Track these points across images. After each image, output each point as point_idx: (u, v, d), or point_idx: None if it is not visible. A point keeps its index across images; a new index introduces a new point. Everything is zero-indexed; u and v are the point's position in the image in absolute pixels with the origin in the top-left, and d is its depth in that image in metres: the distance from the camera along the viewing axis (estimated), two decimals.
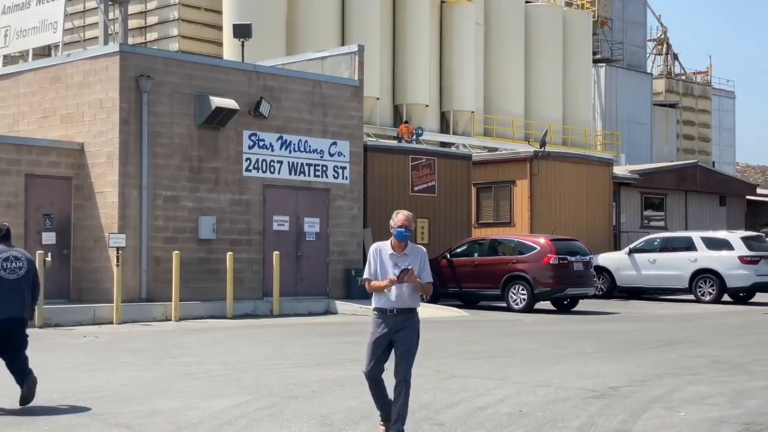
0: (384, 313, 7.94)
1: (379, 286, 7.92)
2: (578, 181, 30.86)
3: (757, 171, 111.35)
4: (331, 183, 23.53)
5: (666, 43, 71.38)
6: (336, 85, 23.88)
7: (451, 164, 27.72)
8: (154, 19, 41.21)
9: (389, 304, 7.91)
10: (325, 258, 23.35)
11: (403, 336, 7.91)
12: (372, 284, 7.98)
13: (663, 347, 15.26)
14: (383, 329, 7.93)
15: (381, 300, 7.96)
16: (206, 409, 9.55)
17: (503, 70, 47.19)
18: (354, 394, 10.38)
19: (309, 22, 39.29)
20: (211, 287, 21.14)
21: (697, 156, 60.33)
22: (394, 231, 7.95)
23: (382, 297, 7.94)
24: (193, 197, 21.26)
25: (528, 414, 9.32)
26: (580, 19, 52.41)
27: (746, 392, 10.60)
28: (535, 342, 16.13)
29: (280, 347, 15.17)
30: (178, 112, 21.06)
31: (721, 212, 37.41)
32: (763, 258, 26.52)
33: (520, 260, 23.28)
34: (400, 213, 7.97)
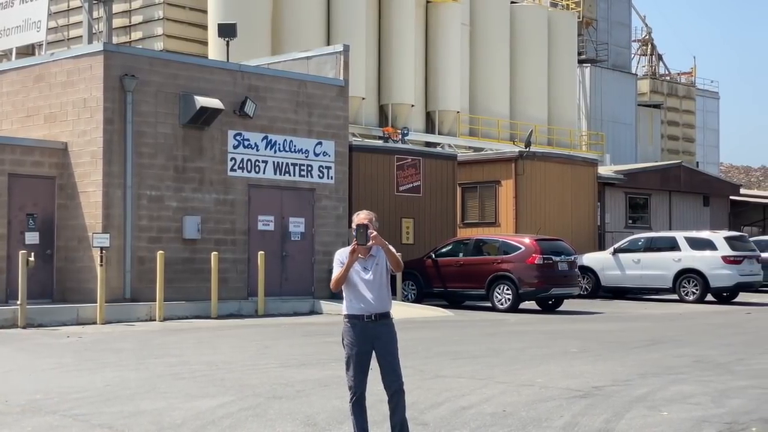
0: (360, 319, 7.40)
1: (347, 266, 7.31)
2: (563, 181, 30.94)
3: (740, 171, 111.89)
4: (316, 183, 23.52)
5: (650, 43, 71.66)
6: (321, 84, 23.87)
7: (437, 164, 27.75)
8: (139, 18, 41.07)
9: (368, 309, 7.40)
10: (310, 258, 23.34)
11: (386, 342, 7.44)
12: (336, 276, 7.37)
13: (647, 347, 15.31)
14: (363, 339, 7.39)
15: (356, 305, 7.42)
16: (190, 409, 9.52)
17: (488, 70, 47.25)
18: (338, 394, 10.37)
19: (294, 21, 39.24)
20: (196, 287, 21.09)
21: (682, 156, 60.57)
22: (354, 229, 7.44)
23: (356, 302, 7.42)
24: (177, 197, 21.20)
25: (512, 414, 9.33)
26: (565, 19, 52.52)
27: (729, 392, 10.65)
28: (519, 342, 16.17)
29: (265, 347, 15.15)
30: (162, 112, 21.00)
31: (705, 212, 37.57)
32: (746, 258, 26.66)
33: (505, 260, 23.32)
34: (362, 212, 7.46)
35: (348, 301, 7.48)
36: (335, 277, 7.42)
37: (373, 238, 7.28)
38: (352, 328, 7.44)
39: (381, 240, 7.34)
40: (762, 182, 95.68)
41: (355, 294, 7.44)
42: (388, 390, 7.46)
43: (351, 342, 7.43)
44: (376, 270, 7.44)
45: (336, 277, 7.41)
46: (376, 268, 7.44)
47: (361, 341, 7.41)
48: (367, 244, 7.31)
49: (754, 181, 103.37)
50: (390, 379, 7.44)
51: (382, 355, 7.45)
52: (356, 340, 7.42)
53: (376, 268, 7.44)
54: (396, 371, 7.44)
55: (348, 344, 7.45)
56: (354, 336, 7.43)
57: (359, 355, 7.42)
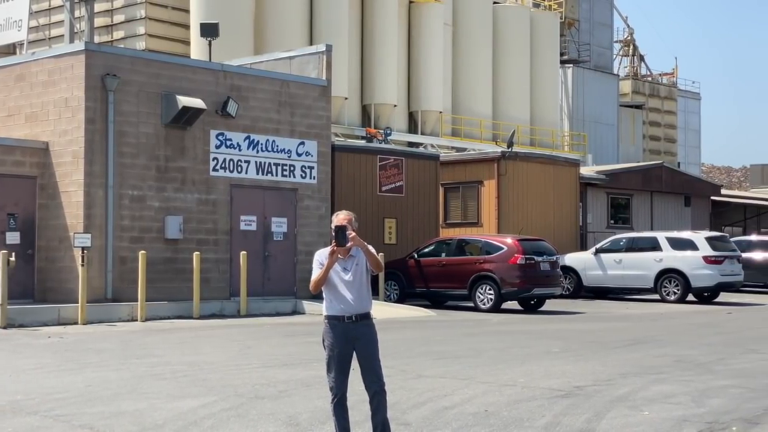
0: (341, 321, 7.37)
1: (326, 268, 7.27)
2: (545, 182, 31.02)
3: (721, 172, 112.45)
4: (298, 183, 23.50)
5: (632, 44, 71.92)
6: (304, 84, 23.85)
7: (419, 164, 27.77)
8: (121, 18, 40.90)
9: (347, 310, 7.36)
10: (292, 258, 23.31)
11: (366, 343, 7.40)
12: (316, 277, 7.33)
13: (628, 347, 15.38)
14: (344, 340, 7.36)
15: (336, 306, 7.38)
16: (172, 409, 9.50)
17: (471, 70, 47.31)
18: (320, 394, 10.36)
19: (277, 21, 39.17)
20: (178, 287, 21.03)
21: (663, 157, 60.81)
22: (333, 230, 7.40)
23: (337, 303, 7.37)
24: (159, 197, 21.14)
25: (494, 413, 9.35)
26: (548, 20, 52.65)
27: (709, 391, 10.71)
28: (501, 342, 16.20)
29: (247, 347, 15.13)
30: (144, 111, 20.94)
31: (686, 212, 37.74)
32: (727, 258, 26.81)
33: (487, 260, 23.37)
34: (342, 213, 7.41)
35: (328, 302, 7.44)
36: (315, 279, 7.38)
37: (352, 239, 7.24)
38: (333, 329, 7.41)
39: (360, 241, 7.30)
40: (743, 183, 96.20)
41: (335, 295, 7.40)
42: (369, 390, 7.45)
43: (332, 343, 7.40)
44: (356, 271, 7.41)
45: (315, 279, 7.38)
46: (356, 268, 7.41)
47: (341, 342, 7.38)
48: (345, 245, 7.27)
49: (735, 182, 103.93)
50: (371, 380, 7.42)
51: (363, 356, 7.43)
52: (337, 341, 7.39)
53: (356, 268, 7.41)
54: (377, 372, 7.43)
55: (329, 345, 7.42)
56: (334, 337, 7.39)
57: (340, 356, 7.39)
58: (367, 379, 7.44)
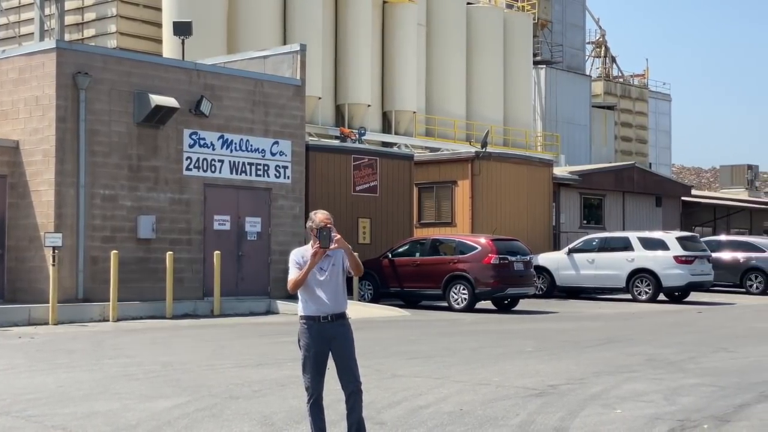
0: (317, 321, 7.30)
1: (308, 269, 7.17)
2: (519, 182, 31.13)
3: (692, 172, 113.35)
4: (272, 182, 23.45)
5: (604, 45, 72.28)
6: (278, 84, 23.80)
7: (393, 164, 27.79)
8: (92, 16, 40.64)
9: (324, 310, 7.30)
10: (266, 258, 23.26)
11: (342, 343, 7.35)
12: (295, 278, 7.24)
13: (601, 346, 15.46)
14: (319, 340, 7.30)
15: (312, 306, 7.31)
16: (145, 410, 9.45)
17: (445, 70, 47.39)
18: (295, 394, 10.35)
19: (250, 20, 39.06)
20: (150, 287, 20.93)
21: (635, 157, 61.18)
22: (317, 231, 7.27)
23: (312, 304, 7.31)
24: (132, 196, 21.03)
25: (468, 412, 9.37)
26: (521, 21, 52.84)
27: (681, 389, 10.79)
28: (475, 341, 16.24)
29: (221, 347, 15.08)
30: (116, 110, 20.82)
31: (657, 213, 38.01)
32: (697, 258, 27.02)
33: (461, 260, 23.42)
34: (320, 213, 7.28)
35: (304, 302, 7.38)
36: (294, 279, 7.29)
37: (337, 241, 7.16)
38: (309, 329, 7.35)
39: (344, 243, 7.24)
40: (712, 183, 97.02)
41: (311, 295, 7.34)
42: (346, 390, 7.42)
43: (308, 343, 7.35)
44: (332, 271, 7.36)
45: (295, 279, 7.29)
46: (333, 269, 7.36)
47: (317, 342, 7.34)
48: (330, 247, 7.15)
49: (705, 182, 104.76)
50: (347, 380, 7.39)
51: (339, 356, 7.39)
52: (313, 341, 7.34)
53: (333, 269, 7.36)
54: (353, 372, 7.40)
55: (305, 345, 7.37)
56: (311, 337, 7.34)
57: (316, 356, 7.35)
58: (344, 379, 7.41)
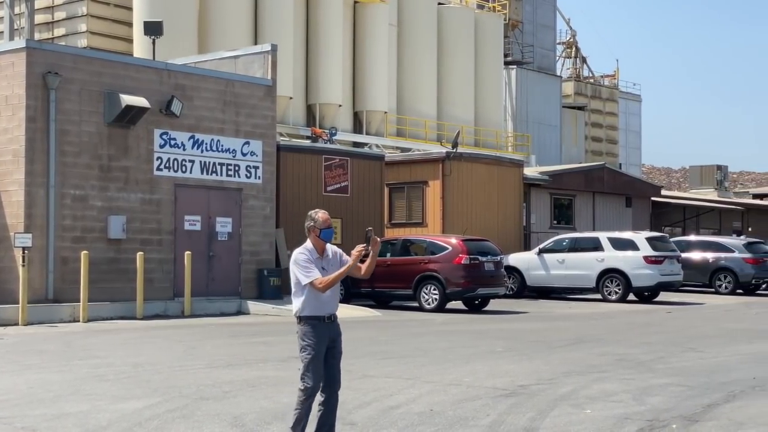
0: (322, 321, 7.42)
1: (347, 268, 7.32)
2: (489, 182, 31.25)
3: (661, 173, 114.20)
4: (243, 183, 23.40)
5: (575, 46, 72.67)
6: (249, 84, 23.75)
7: (364, 164, 27.81)
8: (62, 15, 40.35)
9: (327, 310, 7.44)
10: (237, 258, 23.21)
11: (339, 344, 7.51)
12: (327, 279, 7.33)
13: (571, 346, 15.56)
14: (324, 340, 7.40)
15: (317, 306, 7.41)
16: (115, 411, 9.42)
17: (416, 70, 47.46)
18: (266, 394, 10.37)
19: (221, 20, 38.94)
20: (121, 288, 20.83)
21: (605, 158, 61.54)
22: (321, 231, 7.48)
23: (318, 303, 7.40)
24: (102, 196, 20.92)
25: (439, 413, 9.42)
26: (492, 21, 53.01)
27: (650, 389, 10.89)
28: (446, 341, 16.30)
29: (192, 348, 15.04)
30: (86, 110, 20.70)
31: (627, 213, 38.26)
32: (667, 258, 27.24)
33: (432, 260, 23.48)
34: (320, 212, 7.51)
35: (307, 302, 7.41)
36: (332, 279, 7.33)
37: (375, 243, 7.35)
38: (315, 329, 7.41)
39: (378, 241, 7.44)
40: (682, 184, 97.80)
41: (317, 294, 7.41)
42: (330, 390, 7.48)
43: (314, 343, 7.38)
44: (332, 272, 7.46)
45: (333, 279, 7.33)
46: (332, 269, 7.47)
47: (323, 342, 7.41)
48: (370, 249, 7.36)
49: (674, 183, 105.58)
50: (335, 380, 7.49)
51: (334, 354, 7.49)
52: (321, 340, 7.40)
53: (332, 269, 7.47)
54: (339, 371, 7.55)
55: (311, 345, 7.38)
56: (318, 336, 7.40)
57: (320, 356, 7.40)
58: (332, 379, 7.48)
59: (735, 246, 32.01)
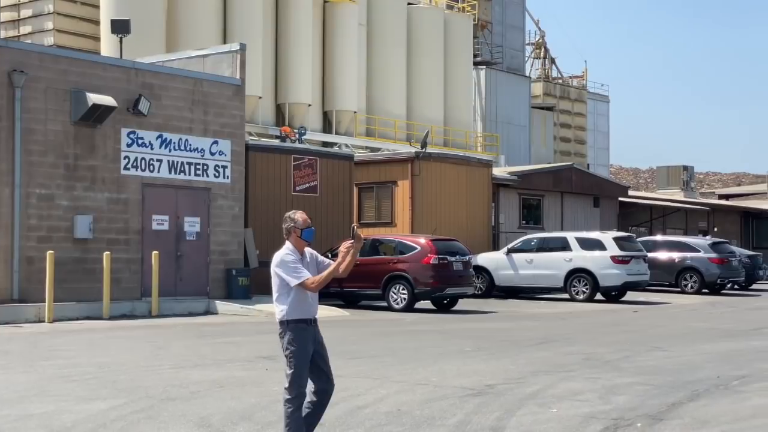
0: (309, 323, 7.29)
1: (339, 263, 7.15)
2: (458, 182, 31.32)
3: (629, 173, 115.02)
4: (212, 182, 23.31)
5: (544, 47, 73.02)
6: (217, 83, 23.66)
7: (333, 164, 27.79)
8: (28, 12, 40.00)
9: (312, 312, 7.33)
10: (205, 258, 23.11)
11: (322, 345, 7.40)
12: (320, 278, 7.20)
13: (538, 345, 15.64)
14: (310, 343, 7.28)
15: (305, 309, 7.28)
16: (81, 412, 9.36)
17: (385, 70, 47.48)
18: (234, 395, 10.33)
19: (190, 19, 38.75)
20: (87, 288, 20.68)
21: (573, 158, 61.87)
22: (302, 231, 7.31)
23: (305, 306, 7.27)
24: (68, 196, 20.76)
25: (406, 413, 9.43)
26: (461, 21, 53.14)
27: (616, 388, 10.97)
28: (414, 341, 16.32)
29: (158, 348, 14.96)
30: (52, 109, 20.53)
31: (595, 213, 38.49)
32: (633, 258, 27.44)
33: (400, 260, 23.51)
34: (299, 212, 7.36)
35: (294, 305, 7.26)
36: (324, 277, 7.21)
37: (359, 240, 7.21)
38: (303, 332, 7.27)
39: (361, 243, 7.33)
40: (650, 184, 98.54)
41: (303, 297, 7.29)
42: (325, 386, 7.38)
43: (303, 346, 7.25)
44: (313, 274, 7.34)
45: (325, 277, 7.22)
46: (312, 271, 7.34)
47: (309, 345, 7.29)
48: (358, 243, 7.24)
49: (642, 183, 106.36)
50: (327, 379, 7.39)
51: (322, 355, 7.38)
52: (307, 344, 7.27)
53: (312, 271, 7.34)
54: (330, 371, 7.44)
55: (300, 348, 7.23)
56: (306, 339, 7.27)
57: (308, 361, 7.28)
58: (323, 379, 7.38)
59: (701, 246, 32.31)
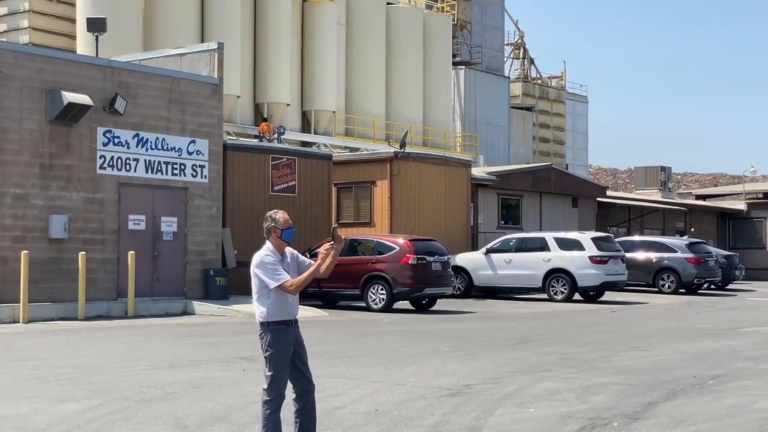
0: (289, 324, 7.23)
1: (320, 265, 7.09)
2: (437, 182, 31.32)
3: (608, 173, 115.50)
4: (189, 182, 23.19)
5: (523, 47, 73.21)
6: (195, 82, 23.53)
7: (312, 164, 27.71)
8: (3, 10, 39.67)
9: (293, 313, 7.27)
10: (182, 258, 22.99)
11: (302, 346, 7.32)
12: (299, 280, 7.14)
13: (516, 345, 15.64)
14: (290, 345, 7.21)
15: (286, 311, 7.22)
16: (55, 413, 9.27)
17: (365, 70, 47.44)
18: (210, 396, 10.26)
19: (167, 17, 38.55)
20: (63, 288, 20.52)
21: (552, 158, 62.05)
22: (283, 232, 7.23)
23: (286, 307, 7.21)
24: (43, 195, 20.59)
25: (384, 413, 9.40)
26: (440, 21, 53.17)
27: (593, 388, 10.98)
28: (393, 341, 16.29)
29: (134, 349, 14.85)
30: (28, 107, 20.36)
31: (574, 213, 38.59)
32: (611, 258, 27.53)
33: (379, 260, 23.47)
34: (279, 212, 7.25)
35: (275, 307, 7.19)
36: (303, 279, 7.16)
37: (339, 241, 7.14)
38: (284, 333, 7.20)
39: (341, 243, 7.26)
40: (628, 184, 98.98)
41: (283, 298, 7.22)
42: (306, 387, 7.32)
43: (283, 348, 7.17)
44: (292, 274, 7.28)
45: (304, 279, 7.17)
46: (291, 272, 7.28)
47: (289, 347, 7.22)
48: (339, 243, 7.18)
49: (620, 183, 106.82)
50: (307, 380, 7.33)
51: (301, 356, 7.31)
52: (287, 347, 7.20)
53: (291, 272, 7.28)
54: (310, 372, 7.38)
55: (280, 351, 7.16)
56: (286, 342, 7.20)
57: (288, 363, 7.21)
58: (303, 380, 7.32)
59: (678, 246, 32.47)
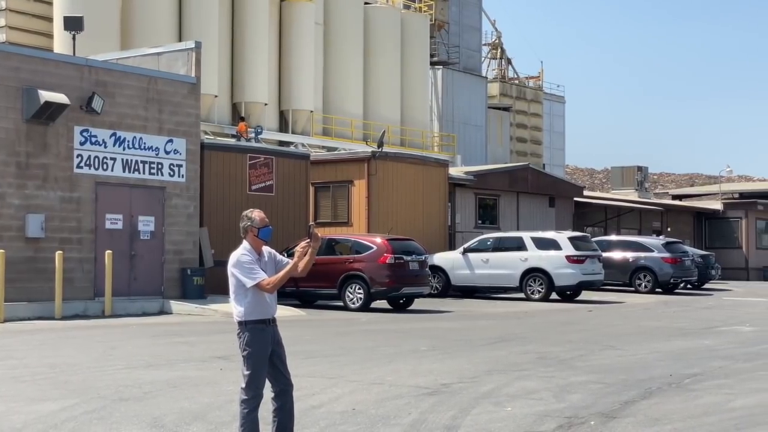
0: (267, 323, 7.22)
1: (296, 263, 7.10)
2: (415, 182, 31.36)
3: (585, 173, 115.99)
4: (166, 181, 23.12)
5: (500, 47, 73.40)
6: (172, 81, 23.46)
7: (289, 163, 27.69)
8: None
9: (271, 312, 7.26)
10: (160, 257, 22.92)
11: (281, 345, 7.33)
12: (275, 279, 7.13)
13: (493, 344, 15.70)
14: (268, 344, 7.20)
15: (263, 310, 7.21)
16: (31, 413, 9.23)
17: (342, 70, 47.44)
18: (187, 395, 10.25)
19: (145, 16, 38.40)
20: (39, 287, 20.41)
21: (530, 158, 62.27)
22: (260, 230, 7.23)
23: (264, 306, 7.20)
24: (20, 194, 20.47)
25: (361, 412, 9.42)
26: (418, 21, 53.24)
27: (569, 387, 11.04)
28: (370, 341, 16.32)
29: (111, 348, 14.80)
30: (4, 106, 20.24)
31: (551, 213, 38.73)
32: (588, 257, 27.66)
33: (357, 260, 23.48)
34: (256, 211, 7.27)
35: (252, 306, 7.19)
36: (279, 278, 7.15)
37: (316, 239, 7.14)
38: (262, 332, 7.19)
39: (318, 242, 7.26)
40: (605, 184, 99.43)
41: (261, 297, 7.21)
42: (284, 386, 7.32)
43: (261, 348, 7.17)
44: (269, 273, 7.28)
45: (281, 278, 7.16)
46: (269, 270, 7.28)
47: (267, 347, 7.21)
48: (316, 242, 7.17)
49: (597, 183, 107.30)
50: (286, 377, 7.33)
51: (279, 355, 7.31)
52: (264, 346, 7.19)
53: (269, 270, 7.28)
54: (288, 370, 7.39)
55: (258, 351, 7.15)
56: (263, 342, 7.19)
57: (266, 363, 7.21)
58: (282, 379, 7.32)
59: (654, 246, 32.66)
